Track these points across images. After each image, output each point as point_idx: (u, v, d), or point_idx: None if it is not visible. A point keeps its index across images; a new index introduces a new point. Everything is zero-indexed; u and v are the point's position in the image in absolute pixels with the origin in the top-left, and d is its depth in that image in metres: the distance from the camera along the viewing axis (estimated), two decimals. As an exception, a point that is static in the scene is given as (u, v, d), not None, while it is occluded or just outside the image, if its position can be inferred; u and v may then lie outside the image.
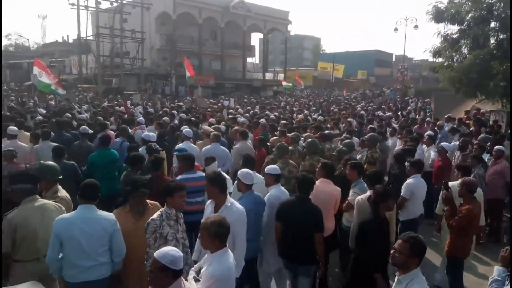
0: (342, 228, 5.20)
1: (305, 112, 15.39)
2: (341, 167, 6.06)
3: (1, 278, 3.56)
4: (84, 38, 33.09)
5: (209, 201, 4.02)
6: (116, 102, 17.44)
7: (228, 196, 3.90)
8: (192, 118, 10.77)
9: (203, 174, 5.10)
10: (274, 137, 7.71)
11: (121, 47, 34.03)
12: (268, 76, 48.39)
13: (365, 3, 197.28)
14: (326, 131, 8.94)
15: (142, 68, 34.63)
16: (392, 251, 2.86)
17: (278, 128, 9.04)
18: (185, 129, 7.82)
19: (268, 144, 7.29)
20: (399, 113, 16.81)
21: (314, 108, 19.05)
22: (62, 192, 4.35)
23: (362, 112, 15.48)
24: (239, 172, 4.34)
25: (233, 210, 3.76)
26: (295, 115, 14.35)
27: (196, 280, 2.95)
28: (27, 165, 6.20)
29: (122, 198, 3.89)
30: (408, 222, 5.42)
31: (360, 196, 4.65)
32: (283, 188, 4.79)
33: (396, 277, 2.89)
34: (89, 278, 3.47)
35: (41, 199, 3.79)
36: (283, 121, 10.31)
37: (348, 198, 4.99)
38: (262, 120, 10.45)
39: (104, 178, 5.76)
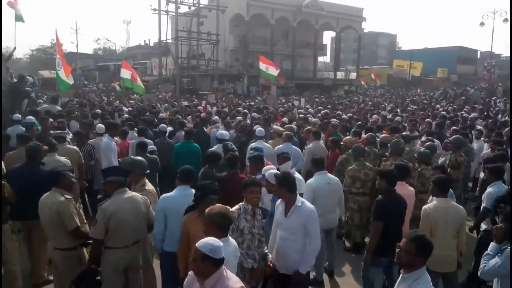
0: None
1: (382, 112, 14.83)
2: (420, 170, 5.78)
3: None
4: (164, 41, 35.07)
5: (279, 200, 4.04)
6: (194, 102, 18.25)
7: (298, 196, 3.88)
8: (265, 117, 10.92)
9: None
10: (348, 137, 7.54)
11: (197, 49, 35.52)
12: (340, 75, 47.31)
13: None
14: (404, 133, 8.56)
15: (216, 69, 35.83)
16: (397, 250, 2.85)
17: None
18: (258, 129, 7.97)
19: (342, 143, 7.17)
20: (485, 113, 15.44)
21: (389, 108, 18.26)
22: (149, 186, 4.63)
23: (443, 112, 14.47)
24: (267, 174, 4.48)
25: (303, 209, 3.77)
26: (369, 115, 13.86)
27: None
28: (119, 159, 6.81)
29: (192, 203, 3.80)
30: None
31: (428, 205, 4.42)
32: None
33: (401, 275, 2.90)
34: None
35: (130, 191, 4.04)
36: (359, 122, 10.02)
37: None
38: (334, 120, 10.28)
39: (184, 166, 6.17)
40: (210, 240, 2.62)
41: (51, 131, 7.22)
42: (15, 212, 4.62)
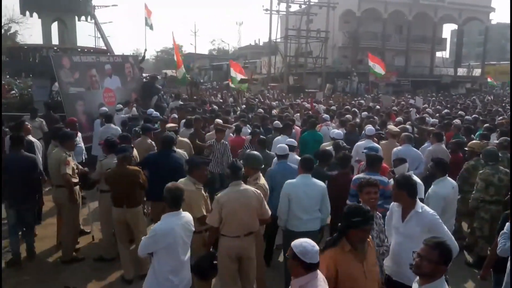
0: None
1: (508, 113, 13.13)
2: None
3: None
4: (274, 40, 35.91)
5: (394, 203, 3.82)
6: (302, 100, 18.37)
7: (418, 201, 3.63)
8: (374, 117, 10.51)
9: (383, 178, 4.87)
10: (475, 141, 6.83)
11: (306, 47, 35.61)
12: (461, 71, 42.98)
13: None
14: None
15: (324, 67, 35.48)
16: (417, 259, 2.57)
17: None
18: (368, 127, 7.71)
19: (466, 148, 6.53)
20: None
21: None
22: (261, 180, 4.78)
23: None
24: (277, 147, 5.55)
25: (424, 216, 3.52)
26: (497, 116, 12.36)
27: None
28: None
29: (337, 234, 3.04)
30: None
31: None
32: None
33: (417, 285, 2.64)
34: (307, 229, 4.45)
35: (244, 185, 4.22)
36: (486, 125, 9.01)
37: None
38: (456, 121, 9.41)
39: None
40: (305, 242, 2.58)
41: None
42: (151, 194, 5.24)
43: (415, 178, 4.84)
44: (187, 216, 3.61)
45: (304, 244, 2.55)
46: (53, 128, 7.14)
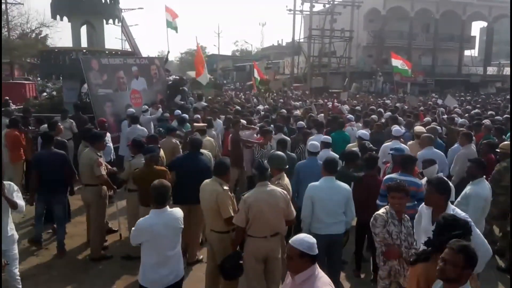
0: None
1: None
2: None
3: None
4: (298, 40, 35.75)
5: (422, 205, 3.73)
6: (326, 101, 18.23)
7: (449, 203, 3.53)
8: (400, 118, 10.30)
9: (414, 179, 4.77)
10: (506, 142, 6.60)
11: (329, 47, 35.31)
12: (491, 70, 41.64)
13: None
14: None
15: (348, 67, 35.09)
16: (441, 264, 2.41)
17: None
18: (395, 128, 7.56)
19: (498, 150, 6.32)
20: None
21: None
22: (284, 180, 4.73)
23: None
24: (310, 144, 5.87)
25: None
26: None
27: None
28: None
29: (431, 248, 2.87)
30: None
31: None
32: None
33: None
34: (331, 232, 4.48)
35: (271, 185, 4.18)
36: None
37: None
38: (486, 121, 9.10)
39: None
40: (306, 237, 2.65)
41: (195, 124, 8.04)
42: (179, 197, 5.23)
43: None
44: (174, 213, 3.67)
45: (306, 239, 2.63)
46: (83, 129, 7.34)
